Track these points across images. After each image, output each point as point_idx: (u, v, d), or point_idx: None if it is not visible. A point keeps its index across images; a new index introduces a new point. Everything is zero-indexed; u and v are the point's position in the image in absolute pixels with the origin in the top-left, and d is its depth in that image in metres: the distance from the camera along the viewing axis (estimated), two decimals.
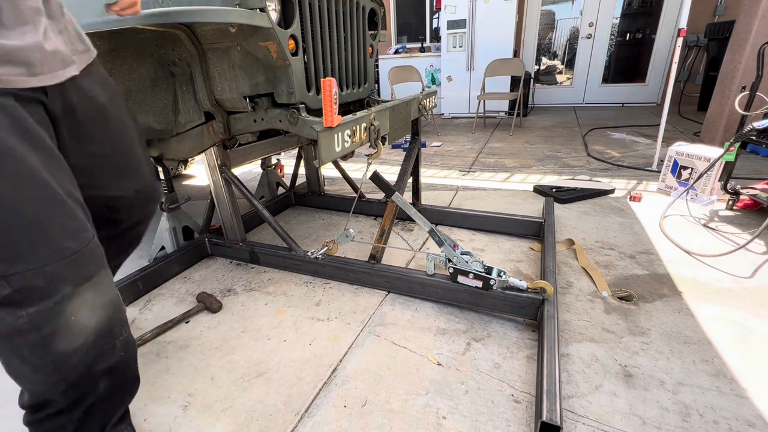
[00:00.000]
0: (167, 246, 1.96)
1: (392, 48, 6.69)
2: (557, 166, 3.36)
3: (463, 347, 1.32)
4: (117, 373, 0.91)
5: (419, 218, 1.55)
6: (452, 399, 1.12)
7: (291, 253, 1.81)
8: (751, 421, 1.01)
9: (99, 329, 0.84)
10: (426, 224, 1.53)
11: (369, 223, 2.40)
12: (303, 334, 1.42)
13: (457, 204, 2.61)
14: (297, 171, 2.70)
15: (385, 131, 1.61)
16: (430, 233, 1.51)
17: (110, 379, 0.90)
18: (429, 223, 1.53)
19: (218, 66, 1.51)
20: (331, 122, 1.25)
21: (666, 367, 1.19)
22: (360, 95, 2.03)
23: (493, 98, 5.01)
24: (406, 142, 4.13)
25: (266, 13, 1.28)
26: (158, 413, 1.13)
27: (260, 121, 1.57)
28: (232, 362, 1.31)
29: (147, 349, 1.39)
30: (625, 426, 1.01)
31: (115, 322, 0.89)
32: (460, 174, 3.31)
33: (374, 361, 1.28)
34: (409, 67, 5.19)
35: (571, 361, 1.23)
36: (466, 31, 5.52)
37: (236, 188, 1.81)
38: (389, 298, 1.61)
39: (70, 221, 0.77)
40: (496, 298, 1.42)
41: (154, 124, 1.68)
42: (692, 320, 1.39)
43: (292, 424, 1.07)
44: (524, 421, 1.04)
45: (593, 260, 1.80)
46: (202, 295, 1.63)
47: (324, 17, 1.60)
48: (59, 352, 0.78)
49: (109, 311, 0.87)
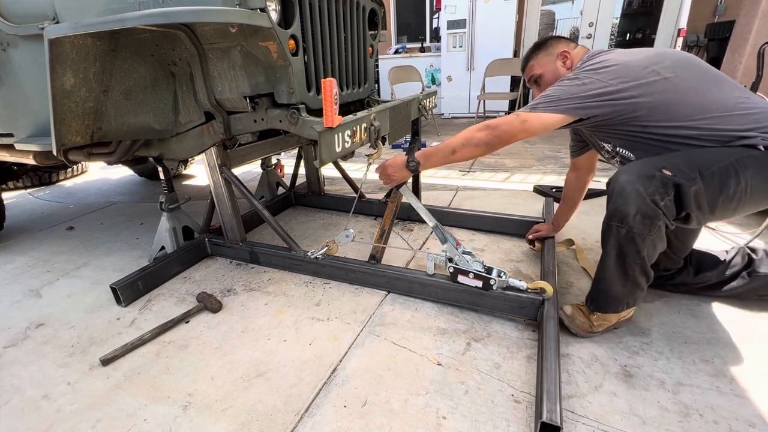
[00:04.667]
0: (167, 246, 1.96)
1: (392, 48, 6.69)
2: (557, 166, 3.36)
3: (463, 347, 1.32)
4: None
5: (425, 213, 1.54)
6: (452, 399, 1.12)
7: (291, 253, 1.81)
8: (751, 421, 1.01)
9: None
10: (431, 219, 1.52)
11: (369, 223, 2.40)
12: (303, 334, 1.42)
13: (457, 204, 2.61)
14: (297, 171, 2.70)
15: (385, 131, 1.61)
16: (434, 229, 1.51)
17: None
18: (434, 219, 1.52)
19: (218, 66, 1.51)
20: (331, 122, 1.25)
21: (666, 367, 1.19)
22: (360, 95, 2.03)
23: (493, 98, 5.01)
24: (406, 142, 4.13)
25: (266, 13, 1.28)
26: (158, 413, 1.13)
27: (260, 121, 1.57)
28: (232, 362, 1.31)
29: (147, 349, 1.39)
30: (625, 426, 1.01)
31: None
32: (460, 174, 3.31)
33: (374, 361, 1.28)
34: (409, 67, 5.19)
35: (571, 361, 1.24)
36: (466, 31, 5.52)
37: (236, 188, 1.81)
38: (389, 298, 1.61)
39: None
40: (496, 298, 1.42)
41: (154, 124, 1.68)
42: (692, 320, 1.39)
43: (292, 424, 1.07)
44: (524, 421, 1.04)
45: (593, 260, 1.80)
46: (202, 295, 1.63)
47: (324, 17, 1.60)
48: None
49: None
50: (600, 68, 1.19)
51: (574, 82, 1.20)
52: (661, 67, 1.15)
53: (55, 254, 2.21)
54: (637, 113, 1.16)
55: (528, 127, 1.22)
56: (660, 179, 1.08)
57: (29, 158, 1.87)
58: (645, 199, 1.09)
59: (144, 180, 3.76)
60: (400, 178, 1.49)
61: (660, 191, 1.08)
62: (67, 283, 1.89)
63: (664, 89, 1.14)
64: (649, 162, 1.15)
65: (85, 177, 4.00)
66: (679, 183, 1.07)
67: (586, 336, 1.32)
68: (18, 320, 1.62)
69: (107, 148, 1.74)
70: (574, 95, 1.19)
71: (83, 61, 1.38)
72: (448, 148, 1.34)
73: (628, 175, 1.13)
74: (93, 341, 1.45)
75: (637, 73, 1.15)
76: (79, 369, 1.32)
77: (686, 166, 1.09)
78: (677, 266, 1.49)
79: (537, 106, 1.23)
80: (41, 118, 1.67)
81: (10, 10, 1.56)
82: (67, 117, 1.44)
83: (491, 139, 1.26)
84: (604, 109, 1.17)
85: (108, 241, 2.34)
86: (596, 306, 1.30)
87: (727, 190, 1.07)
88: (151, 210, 2.86)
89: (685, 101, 1.14)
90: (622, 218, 1.14)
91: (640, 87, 1.14)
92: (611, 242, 1.19)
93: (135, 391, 1.21)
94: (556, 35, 1.46)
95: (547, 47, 1.41)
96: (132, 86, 1.58)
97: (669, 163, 1.11)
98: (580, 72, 1.22)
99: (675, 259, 1.47)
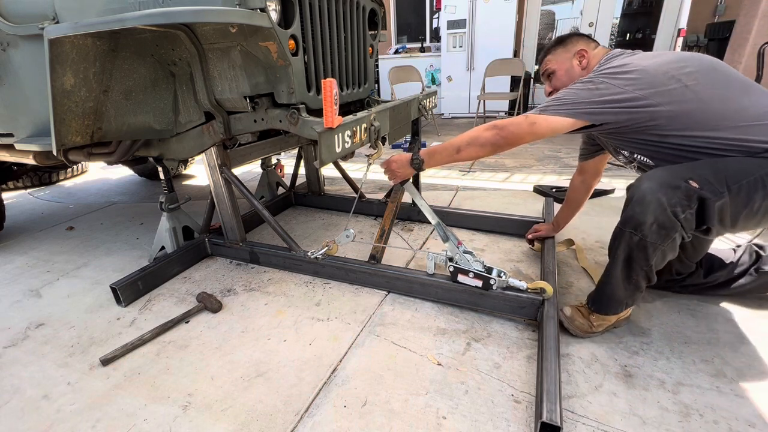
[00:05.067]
0: (167, 246, 1.96)
1: (392, 48, 6.69)
2: (557, 166, 3.36)
3: (463, 347, 1.32)
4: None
5: (427, 210, 1.54)
6: (452, 399, 1.12)
7: (291, 253, 1.81)
8: (751, 421, 1.01)
9: None
10: (433, 217, 1.52)
11: (369, 223, 2.40)
12: (303, 334, 1.42)
13: (457, 204, 2.61)
14: (297, 171, 2.70)
15: (385, 131, 1.61)
16: (436, 226, 1.50)
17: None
18: (436, 217, 1.52)
19: (218, 66, 1.51)
20: (331, 123, 1.25)
21: (666, 367, 1.19)
22: (360, 95, 2.03)
23: (493, 98, 5.01)
24: (406, 142, 4.13)
25: (266, 13, 1.28)
26: (158, 413, 1.13)
27: (260, 121, 1.57)
28: (232, 362, 1.31)
29: (147, 349, 1.39)
30: (625, 426, 1.01)
31: None
32: (460, 174, 3.31)
33: (374, 361, 1.28)
34: (409, 67, 5.19)
35: (571, 361, 1.24)
36: (466, 31, 5.52)
37: (236, 188, 1.81)
38: (389, 298, 1.61)
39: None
40: (496, 298, 1.42)
41: (154, 124, 1.68)
42: (692, 320, 1.39)
43: (292, 424, 1.07)
44: (524, 421, 1.04)
45: (593, 260, 1.80)
46: (202, 295, 1.63)
47: (324, 17, 1.60)
48: None
49: None
50: (616, 73, 1.15)
51: (587, 86, 1.17)
52: (682, 73, 1.10)
53: (55, 254, 2.21)
54: (654, 122, 1.12)
55: (536, 129, 1.19)
56: (685, 191, 1.04)
57: (29, 158, 1.87)
58: (665, 210, 1.05)
59: (144, 180, 3.76)
60: (404, 174, 1.48)
61: (683, 203, 1.04)
62: (67, 283, 1.89)
63: (684, 97, 1.08)
64: (674, 170, 1.09)
65: (85, 177, 4.00)
66: (704, 197, 1.03)
67: (585, 336, 1.32)
68: (18, 320, 1.62)
69: (107, 148, 1.74)
70: (586, 99, 1.15)
71: (83, 61, 1.38)
72: (452, 146, 1.32)
73: (651, 182, 1.09)
74: (93, 341, 1.45)
75: (655, 79, 1.10)
76: (79, 369, 1.32)
77: (714, 179, 1.04)
78: (689, 271, 1.47)
79: (547, 109, 1.19)
80: (41, 118, 1.67)
81: (10, 10, 1.56)
82: (67, 117, 1.44)
83: (497, 139, 1.23)
84: (618, 116, 1.13)
85: (108, 241, 2.34)
86: (597, 308, 1.29)
87: (752, 205, 1.03)
88: (151, 210, 2.86)
89: (708, 110, 1.08)
90: (637, 226, 1.10)
91: (658, 95, 1.09)
92: (621, 247, 1.16)
93: (135, 391, 1.21)
94: (579, 33, 1.42)
95: (567, 44, 1.37)
96: (132, 86, 1.58)
97: (696, 174, 1.05)
98: (595, 76, 1.18)
99: (688, 264, 1.45)
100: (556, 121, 1.18)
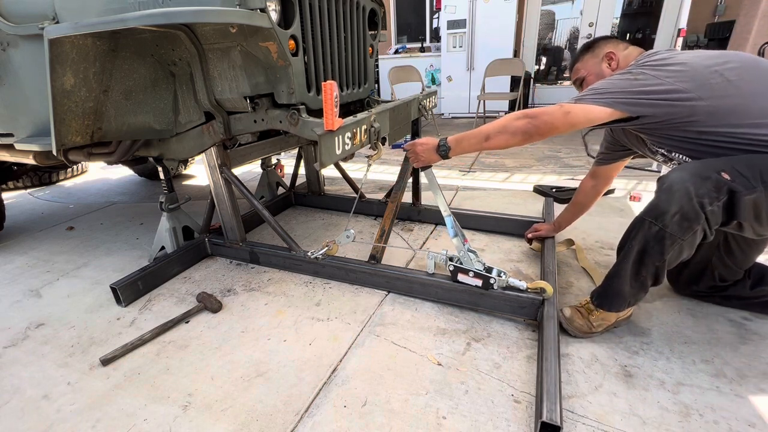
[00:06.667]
0: (167, 246, 1.96)
1: (392, 48, 6.69)
2: (557, 166, 3.36)
3: (463, 347, 1.32)
4: None
5: (441, 202, 1.51)
6: (452, 399, 1.12)
7: (291, 253, 1.81)
8: (751, 421, 1.01)
9: None
10: (446, 209, 1.50)
11: (369, 223, 2.40)
12: (303, 334, 1.42)
13: (457, 204, 2.61)
14: (297, 171, 2.70)
15: (385, 132, 1.61)
16: (447, 219, 1.48)
17: None
18: (449, 209, 1.50)
19: (218, 66, 1.51)
20: (331, 126, 1.25)
21: (666, 367, 1.19)
22: (360, 95, 2.03)
23: (493, 98, 5.01)
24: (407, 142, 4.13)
25: (266, 14, 1.28)
26: (158, 413, 1.13)
27: (260, 121, 1.57)
28: (232, 362, 1.31)
29: (147, 349, 1.39)
30: (625, 426, 1.01)
31: None
32: (460, 174, 3.31)
33: (374, 361, 1.28)
34: (409, 67, 5.18)
35: (571, 361, 1.24)
36: (466, 31, 5.52)
37: (236, 188, 1.81)
38: (389, 298, 1.61)
39: None
40: (496, 298, 1.42)
41: (154, 124, 1.68)
42: (692, 320, 1.39)
43: (292, 424, 1.07)
44: (524, 421, 1.04)
45: (593, 260, 1.80)
46: (202, 295, 1.63)
47: (324, 17, 1.60)
48: None
49: None
50: (657, 65, 1.11)
51: (625, 77, 1.12)
52: (725, 68, 1.06)
53: (55, 254, 2.21)
54: (694, 117, 1.07)
55: (571, 119, 1.12)
56: (715, 182, 1.00)
57: (29, 158, 1.87)
58: (692, 200, 1.01)
59: (144, 180, 3.76)
60: (427, 160, 1.44)
61: (711, 194, 1.00)
62: (67, 283, 1.89)
63: (727, 92, 1.05)
64: (708, 162, 1.06)
65: (85, 177, 4.00)
66: (735, 190, 0.99)
67: (585, 337, 1.32)
68: (18, 320, 1.62)
69: (107, 148, 1.74)
70: (624, 89, 1.09)
71: (83, 61, 1.38)
72: (481, 134, 1.26)
73: (682, 172, 1.06)
74: (93, 341, 1.45)
75: (697, 72, 1.06)
76: (79, 369, 1.32)
77: (749, 172, 1.00)
78: (735, 278, 1.38)
79: (583, 98, 1.13)
80: (41, 118, 1.67)
81: (10, 10, 1.56)
82: (67, 117, 1.44)
83: (529, 128, 1.16)
84: (657, 109, 1.08)
85: (108, 241, 2.34)
86: (602, 303, 1.27)
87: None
88: (151, 210, 2.86)
89: (750, 105, 1.05)
90: (658, 215, 1.06)
91: (700, 89, 1.05)
92: (637, 238, 1.12)
93: (135, 391, 1.21)
94: (606, 35, 1.38)
95: (594, 48, 1.34)
96: (132, 86, 1.58)
97: (730, 166, 1.02)
98: (634, 68, 1.14)
99: (734, 270, 1.36)
100: (592, 110, 1.11)
